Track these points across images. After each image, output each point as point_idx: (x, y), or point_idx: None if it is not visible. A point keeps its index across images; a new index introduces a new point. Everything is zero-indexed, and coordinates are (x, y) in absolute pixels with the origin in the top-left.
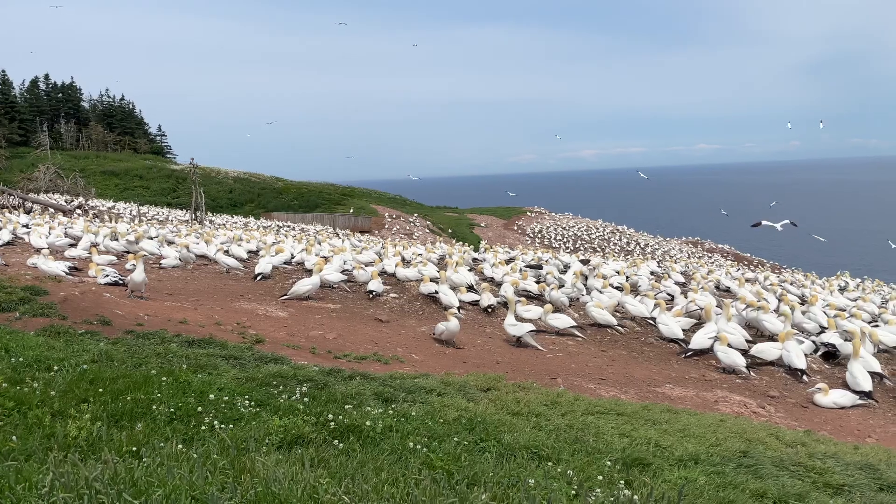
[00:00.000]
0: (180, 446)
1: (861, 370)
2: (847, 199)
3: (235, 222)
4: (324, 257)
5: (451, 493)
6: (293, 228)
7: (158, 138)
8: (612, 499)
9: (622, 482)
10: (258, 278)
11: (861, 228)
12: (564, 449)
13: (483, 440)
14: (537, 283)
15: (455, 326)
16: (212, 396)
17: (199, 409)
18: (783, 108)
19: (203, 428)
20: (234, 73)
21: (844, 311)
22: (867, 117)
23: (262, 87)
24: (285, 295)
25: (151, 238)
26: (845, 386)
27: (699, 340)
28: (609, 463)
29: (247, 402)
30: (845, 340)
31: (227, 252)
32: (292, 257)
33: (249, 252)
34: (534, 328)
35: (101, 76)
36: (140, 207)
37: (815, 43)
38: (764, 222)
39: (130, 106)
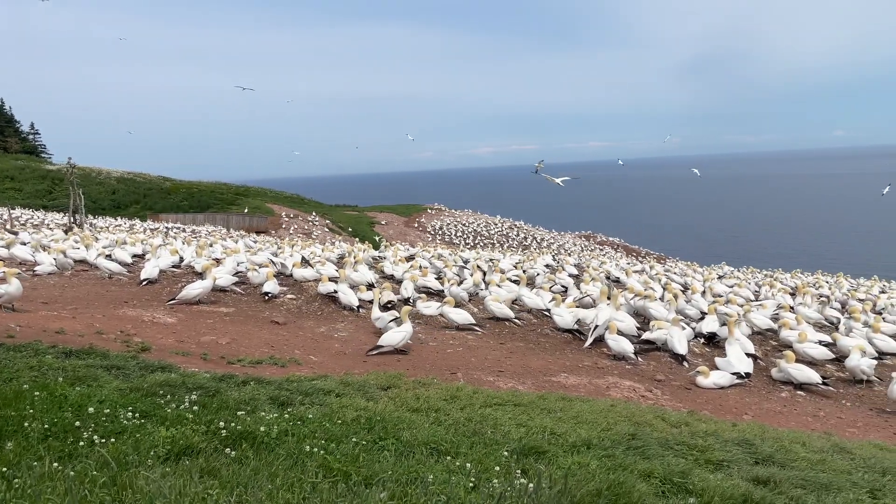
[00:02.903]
0: (55, 465)
1: (736, 352)
2: (720, 192)
3: (119, 225)
4: (215, 259)
5: (348, 494)
6: (183, 230)
7: (31, 137)
8: (508, 488)
9: (519, 471)
10: (144, 283)
11: (737, 220)
12: (463, 442)
13: (382, 439)
14: (437, 279)
15: (411, 329)
16: (91, 410)
17: (77, 423)
18: (665, 107)
19: (81, 444)
20: (116, 69)
21: (722, 296)
22: (740, 116)
23: (148, 83)
24: (174, 299)
25: (24, 244)
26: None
27: (601, 322)
28: (506, 453)
29: (130, 413)
30: (723, 325)
31: (109, 256)
32: (182, 260)
33: (134, 256)
34: (398, 315)
35: None
36: (11, 211)
37: (692, 44)
38: (545, 175)
39: None
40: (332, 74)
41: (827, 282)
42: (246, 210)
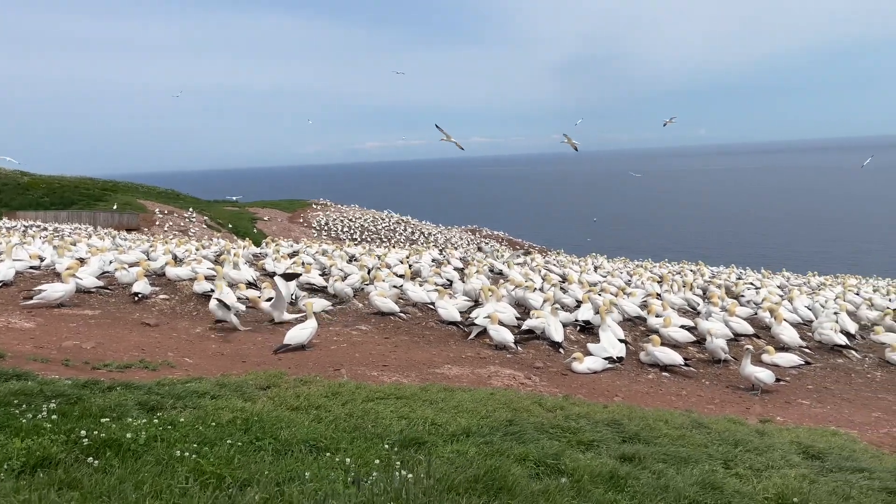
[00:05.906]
0: None
1: (609, 338)
2: (602, 188)
3: None
4: (79, 259)
5: (221, 496)
6: (45, 229)
7: None
8: (388, 480)
9: (399, 463)
10: None
11: (615, 213)
12: (343, 438)
13: (259, 439)
14: (322, 275)
15: (316, 324)
16: None
17: None
18: (546, 105)
19: None
20: None
21: (596, 286)
22: (616, 114)
23: (11, 70)
24: (30, 301)
25: None
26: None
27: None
28: (387, 446)
29: None
30: (597, 313)
31: None
32: (41, 260)
33: None
34: (227, 306)
35: None
36: None
37: (572, 44)
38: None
39: None
40: (210, 66)
41: (691, 270)
42: (115, 207)
